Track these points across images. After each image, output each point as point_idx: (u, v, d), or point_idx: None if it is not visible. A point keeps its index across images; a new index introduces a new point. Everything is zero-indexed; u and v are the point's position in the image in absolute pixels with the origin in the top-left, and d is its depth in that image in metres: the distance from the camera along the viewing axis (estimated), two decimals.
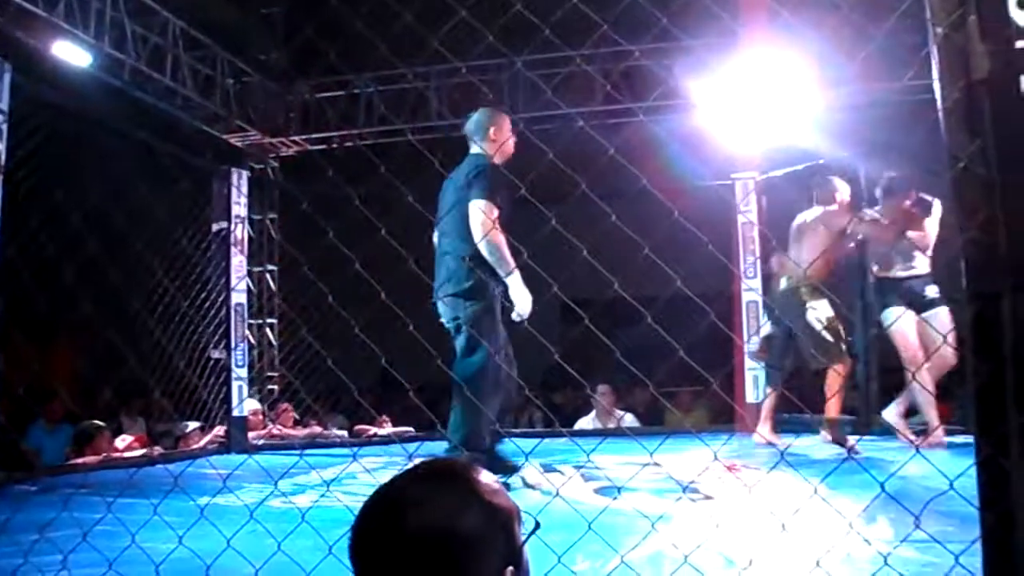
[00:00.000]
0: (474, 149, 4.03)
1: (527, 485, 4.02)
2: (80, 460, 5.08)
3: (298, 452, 5.50)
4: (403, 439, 6.47)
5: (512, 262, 3.73)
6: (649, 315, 2.07)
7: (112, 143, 5.74)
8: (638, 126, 7.31)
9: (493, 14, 2.60)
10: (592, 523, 1.80)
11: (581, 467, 4.34)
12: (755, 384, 6.21)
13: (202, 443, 5.81)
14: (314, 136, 8.78)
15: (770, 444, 5.13)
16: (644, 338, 2.61)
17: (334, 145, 8.79)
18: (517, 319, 3.83)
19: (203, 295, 5.95)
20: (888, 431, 5.36)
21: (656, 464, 4.50)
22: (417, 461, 1.11)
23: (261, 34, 8.65)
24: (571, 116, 7.22)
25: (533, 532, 1.11)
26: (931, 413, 5.00)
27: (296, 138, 8.85)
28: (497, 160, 3.92)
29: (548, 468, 4.60)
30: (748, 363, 6.30)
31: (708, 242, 2.03)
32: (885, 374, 6.03)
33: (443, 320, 4.02)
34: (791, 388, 5.76)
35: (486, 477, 1.08)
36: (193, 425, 5.90)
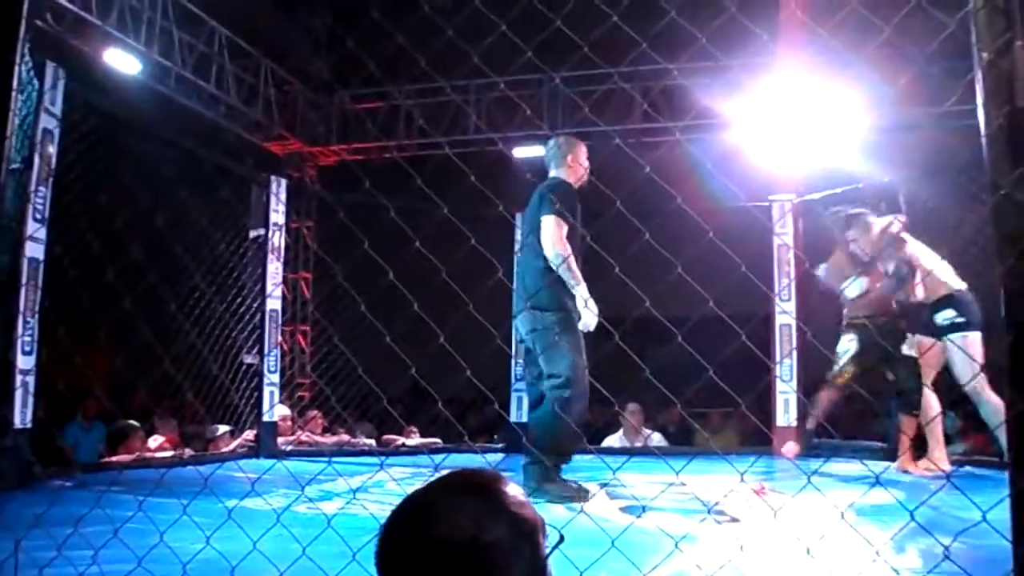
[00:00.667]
0: (552, 173, 4.21)
1: (552, 500, 4.00)
2: (114, 458, 5.16)
3: (327, 459, 5.54)
4: (431, 450, 6.49)
5: (579, 275, 3.93)
6: (680, 334, 2.06)
7: (157, 149, 5.84)
8: (675, 145, 7.30)
9: (533, 29, 2.62)
10: (615, 540, 1.79)
11: (607, 484, 4.32)
12: (785, 407, 6.14)
13: (232, 447, 5.86)
14: (353, 146, 8.90)
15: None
16: (676, 358, 2.60)
17: (372, 156, 8.90)
18: (583, 330, 3.97)
19: (238, 300, 6.02)
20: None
21: (682, 484, 4.50)
22: (444, 472, 1.12)
23: (304, 45, 8.79)
24: (608, 134, 7.23)
25: (557, 545, 1.12)
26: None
27: (335, 147, 8.98)
28: (575, 185, 4.13)
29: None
30: (780, 386, 6.24)
31: (742, 263, 2.01)
32: None
33: (522, 332, 4.15)
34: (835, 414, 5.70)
35: (513, 488, 1.09)
36: (224, 429, 5.96)
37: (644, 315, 2.41)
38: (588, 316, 3.93)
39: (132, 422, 5.64)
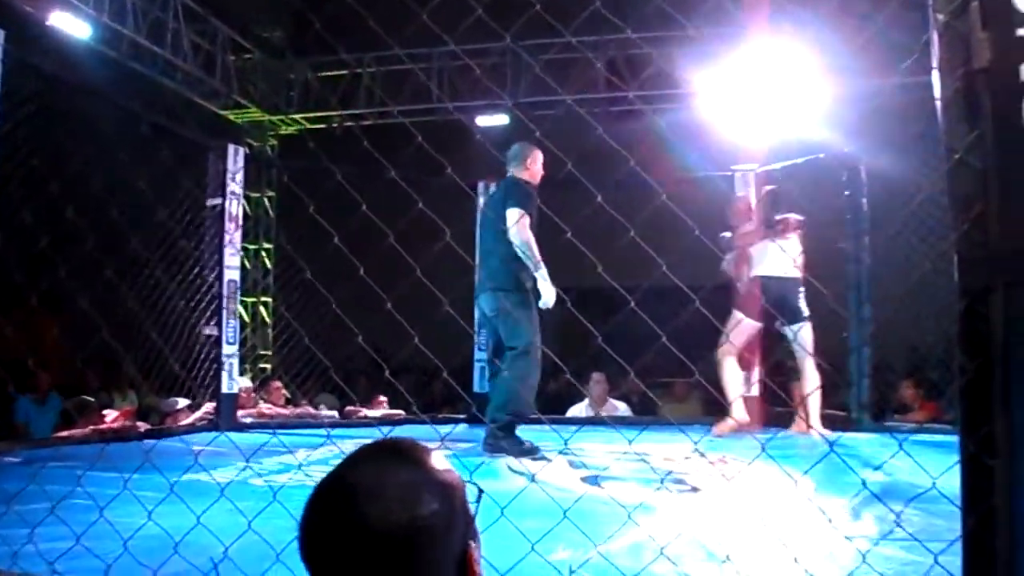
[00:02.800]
0: (511, 173, 4.71)
1: (513, 471, 4.00)
2: (66, 433, 5.06)
3: (287, 431, 5.49)
4: (392, 422, 6.45)
5: (540, 258, 4.42)
6: (633, 302, 2.03)
7: (109, 115, 5.68)
8: (639, 115, 7.27)
9: None
10: (567, 511, 1.77)
11: (566, 454, 4.32)
12: (744, 377, 6.17)
13: (191, 420, 5.78)
14: (313, 115, 8.74)
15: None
16: (640, 327, 2.58)
17: (333, 125, 8.76)
18: (543, 307, 4.49)
19: (195, 271, 5.90)
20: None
21: (645, 454, 4.52)
22: (359, 446, 1.02)
23: (264, 12, 8.59)
24: (572, 103, 7.17)
25: (479, 500, 1.05)
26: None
27: (296, 116, 8.82)
28: (530, 183, 4.64)
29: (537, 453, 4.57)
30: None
31: (697, 230, 1.98)
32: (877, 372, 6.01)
33: (486, 311, 4.71)
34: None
35: (434, 454, 1.02)
36: (183, 402, 5.87)
37: (608, 284, 2.39)
38: (548, 295, 4.43)
39: (87, 398, 5.52)
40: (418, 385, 9.16)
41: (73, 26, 5.78)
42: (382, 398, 7.25)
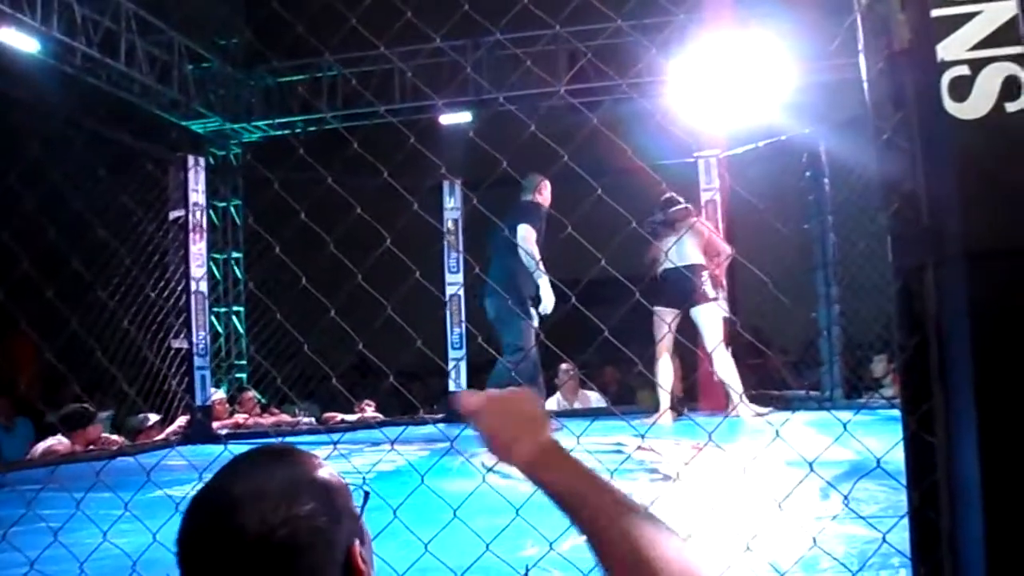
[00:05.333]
0: (525, 198, 5.58)
1: (488, 468, 4.00)
2: (33, 455, 5.00)
3: (251, 441, 5.45)
4: (370, 425, 6.43)
5: (543, 268, 5.21)
6: (573, 295, 2.03)
7: (67, 132, 5.60)
8: (602, 105, 7.27)
9: None
10: (520, 509, 1.77)
11: None
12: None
13: (163, 435, 5.73)
14: (277, 121, 8.68)
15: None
16: (616, 318, 2.59)
17: (298, 129, 8.70)
18: (542, 312, 5.24)
19: (161, 284, 5.84)
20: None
21: (621, 444, 4.54)
22: (231, 459, 0.99)
23: (219, 18, 8.50)
24: (536, 97, 7.17)
25: (365, 503, 1.04)
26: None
27: (259, 123, 8.75)
28: (545, 206, 5.49)
29: None
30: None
31: (632, 222, 1.99)
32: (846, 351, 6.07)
33: (489, 313, 5.51)
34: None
35: (312, 456, 1.00)
36: (154, 418, 5.82)
37: (582, 276, 2.41)
38: (548, 300, 5.23)
39: (87, 406, 5.37)
40: (400, 388, 9.12)
41: (20, 41, 5.68)
42: (368, 403, 7.23)
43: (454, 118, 8.07)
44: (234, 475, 0.96)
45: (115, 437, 5.56)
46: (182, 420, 5.90)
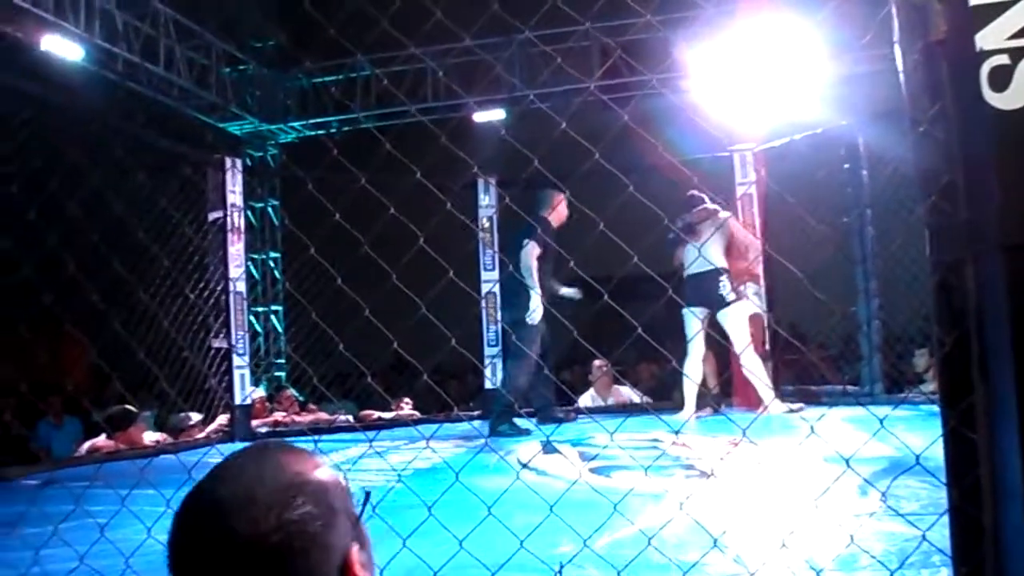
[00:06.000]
0: (539, 213, 5.75)
1: (523, 465, 4.02)
2: (84, 450, 5.11)
3: (312, 439, 5.51)
4: (408, 422, 6.48)
5: (537, 283, 5.51)
6: (607, 292, 2.03)
7: (109, 138, 5.71)
8: (636, 100, 7.22)
9: None
10: (554, 506, 1.77)
11: (578, 445, 4.34)
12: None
13: (205, 433, 5.83)
14: (312, 121, 8.77)
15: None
16: (648, 315, 2.59)
17: (333, 129, 8.78)
18: (530, 321, 5.51)
19: (202, 285, 5.94)
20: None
21: (656, 440, 4.53)
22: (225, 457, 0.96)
23: (256, 21, 8.61)
24: (570, 93, 7.16)
25: (365, 504, 1.00)
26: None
27: (295, 124, 8.84)
28: (554, 223, 5.74)
29: (548, 447, 4.59)
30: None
31: (666, 219, 1.98)
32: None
33: (504, 321, 6.25)
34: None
35: (308, 456, 0.96)
36: (196, 416, 5.91)
37: (622, 273, 2.41)
38: (536, 311, 5.52)
39: (130, 407, 5.47)
40: (436, 385, 9.17)
41: (66, 49, 5.82)
42: (406, 400, 7.28)
43: (488, 116, 8.08)
44: (224, 477, 0.92)
45: (157, 436, 5.67)
46: (223, 419, 5.98)
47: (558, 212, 5.77)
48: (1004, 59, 1.22)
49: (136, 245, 5.15)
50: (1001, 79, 1.22)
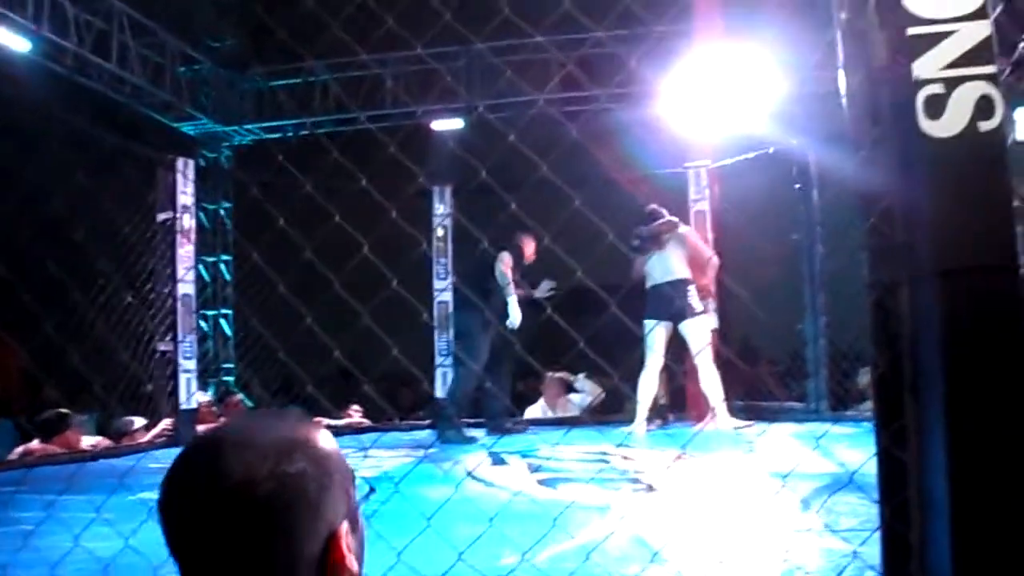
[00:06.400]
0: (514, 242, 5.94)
1: (470, 475, 4.00)
2: (16, 454, 4.96)
3: None
4: (356, 430, 6.42)
5: (513, 289, 5.67)
6: (557, 301, 2.03)
7: (54, 132, 5.58)
8: (594, 114, 7.28)
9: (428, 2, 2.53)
10: (494, 518, 1.77)
11: (527, 457, 4.33)
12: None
13: (147, 438, 5.70)
14: (268, 124, 8.67)
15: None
16: (607, 326, 2.60)
17: (289, 133, 8.68)
18: (510, 326, 5.59)
19: (147, 287, 5.82)
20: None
21: (605, 454, 4.55)
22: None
23: (213, 20, 8.49)
24: (526, 103, 7.18)
25: (368, 496, 1.00)
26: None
27: (250, 126, 8.73)
28: (524, 257, 5.93)
29: (495, 457, 4.58)
30: None
31: (610, 234, 1.99)
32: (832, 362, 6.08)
33: (456, 328, 6.14)
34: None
35: (321, 430, 0.95)
36: (139, 421, 5.78)
37: (577, 284, 2.41)
38: (515, 317, 5.64)
39: (65, 411, 5.32)
40: (386, 393, 9.12)
41: (11, 40, 5.67)
42: (355, 408, 7.20)
43: (446, 124, 8.07)
44: (234, 426, 0.94)
45: (96, 440, 5.52)
46: (167, 423, 5.86)
47: (526, 253, 5.97)
48: (939, 88, 1.25)
49: (81, 244, 5.04)
50: (935, 107, 1.25)
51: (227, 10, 8.42)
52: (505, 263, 5.78)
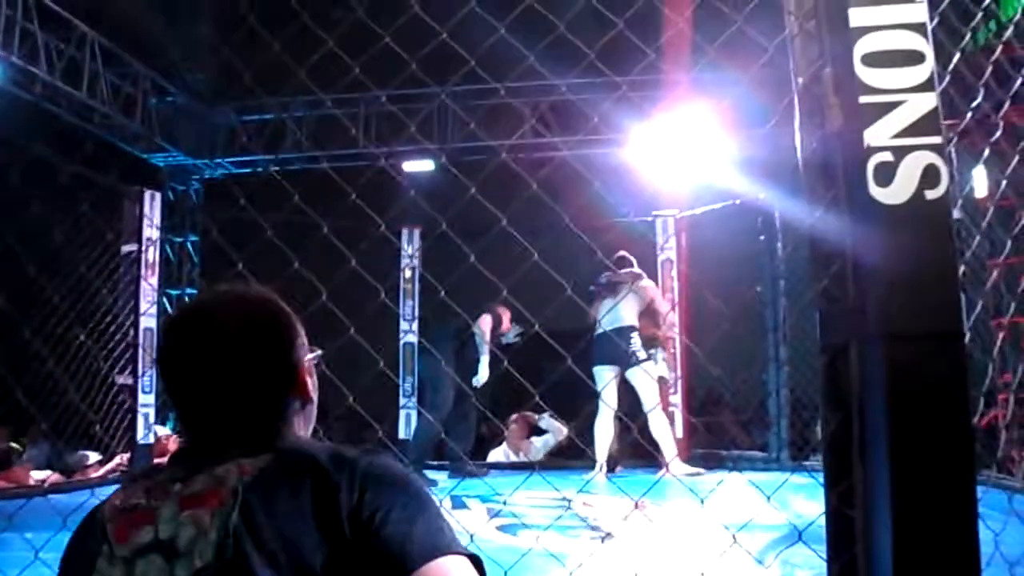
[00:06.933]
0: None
1: None
2: None
3: None
4: None
5: (487, 351, 5.88)
6: (506, 359, 2.03)
7: (17, 160, 5.51)
8: (563, 161, 7.34)
9: (420, 42, 2.56)
10: None
11: (487, 501, 4.30)
12: (671, 420, 6.26)
13: (101, 472, 5.57)
14: (239, 159, 8.64)
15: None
16: (570, 370, 2.61)
17: (260, 168, 8.66)
18: (476, 384, 5.79)
19: (108, 319, 5.73)
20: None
21: (566, 500, 4.52)
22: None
23: (187, 54, 8.48)
24: (496, 149, 7.25)
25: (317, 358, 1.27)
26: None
27: (221, 160, 8.70)
28: (500, 324, 6.13)
29: (457, 502, 4.54)
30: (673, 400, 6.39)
31: (574, 282, 2.01)
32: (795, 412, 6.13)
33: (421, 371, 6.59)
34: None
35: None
36: (93, 457, 5.65)
37: (541, 329, 2.43)
38: (483, 376, 5.87)
39: (14, 444, 5.21)
40: (350, 433, 9.03)
41: None
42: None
43: (417, 165, 8.11)
44: (214, 289, 1.23)
45: (45, 475, 5.38)
46: (123, 458, 5.74)
47: (504, 323, 6.18)
48: (888, 156, 1.29)
49: (38, 276, 4.96)
50: (885, 175, 1.28)
51: (201, 44, 8.42)
52: (485, 323, 5.95)
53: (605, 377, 5.64)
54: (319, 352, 1.26)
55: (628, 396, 5.71)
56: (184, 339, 1.11)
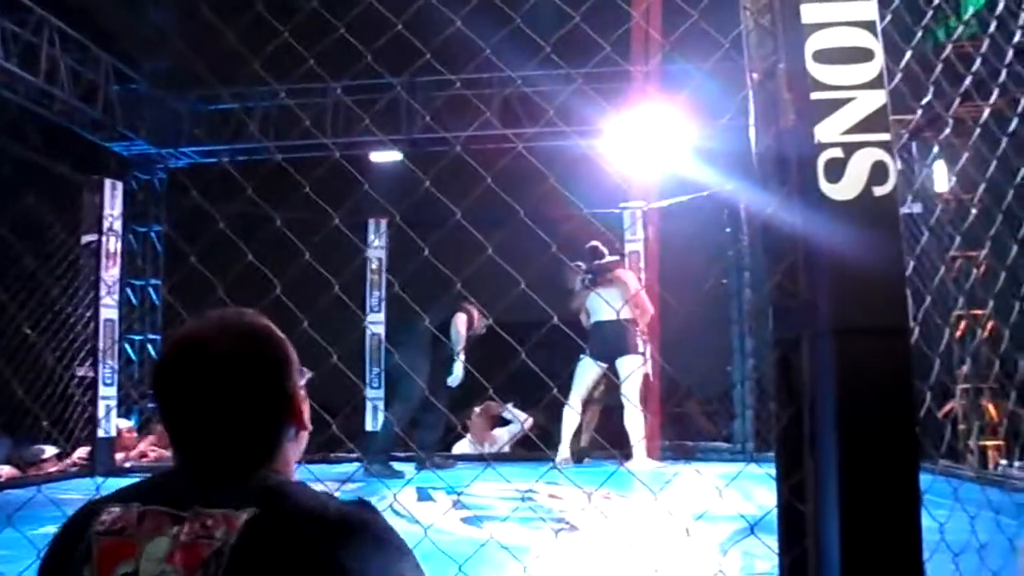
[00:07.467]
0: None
1: (395, 512, 3.94)
2: None
3: None
4: None
5: (462, 351, 5.82)
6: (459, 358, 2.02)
7: None
8: (529, 151, 7.33)
9: (379, 31, 2.53)
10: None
11: (452, 494, 4.29)
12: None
13: (59, 467, 5.48)
14: (204, 148, 8.52)
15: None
16: (549, 361, 2.61)
17: (226, 158, 8.54)
18: (452, 384, 5.80)
19: (68, 310, 5.63)
20: None
21: (532, 492, 4.53)
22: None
23: (150, 40, 8.34)
24: (458, 139, 7.22)
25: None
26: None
27: (186, 149, 8.58)
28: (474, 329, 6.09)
29: (423, 494, 4.53)
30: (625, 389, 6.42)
31: (522, 281, 2.01)
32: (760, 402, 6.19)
33: (391, 361, 6.34)
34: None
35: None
36: (50, 451, 5.55)
37: (507, 320, 2.43)
38: (458, 376, 5.81)
39: None
40: (319, 422, 8.98)
41: None
42: None
43: (385, 156, 8.05)
44: (211, 315, 1.19)
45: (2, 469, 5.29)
46: (82, 451, 5.65)
47: (475, 322, 6.11)
48: (838, 152, 1.29)
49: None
50: (835, 171, 1.29)
51: (161, 31, 8.27)
52: (461, 323, 5.90)
53: (588, 369, 5.64)
54: (309, 374, 1.26)
55: (611, 387, 5.75)
56: (180, 371, 1.12)
